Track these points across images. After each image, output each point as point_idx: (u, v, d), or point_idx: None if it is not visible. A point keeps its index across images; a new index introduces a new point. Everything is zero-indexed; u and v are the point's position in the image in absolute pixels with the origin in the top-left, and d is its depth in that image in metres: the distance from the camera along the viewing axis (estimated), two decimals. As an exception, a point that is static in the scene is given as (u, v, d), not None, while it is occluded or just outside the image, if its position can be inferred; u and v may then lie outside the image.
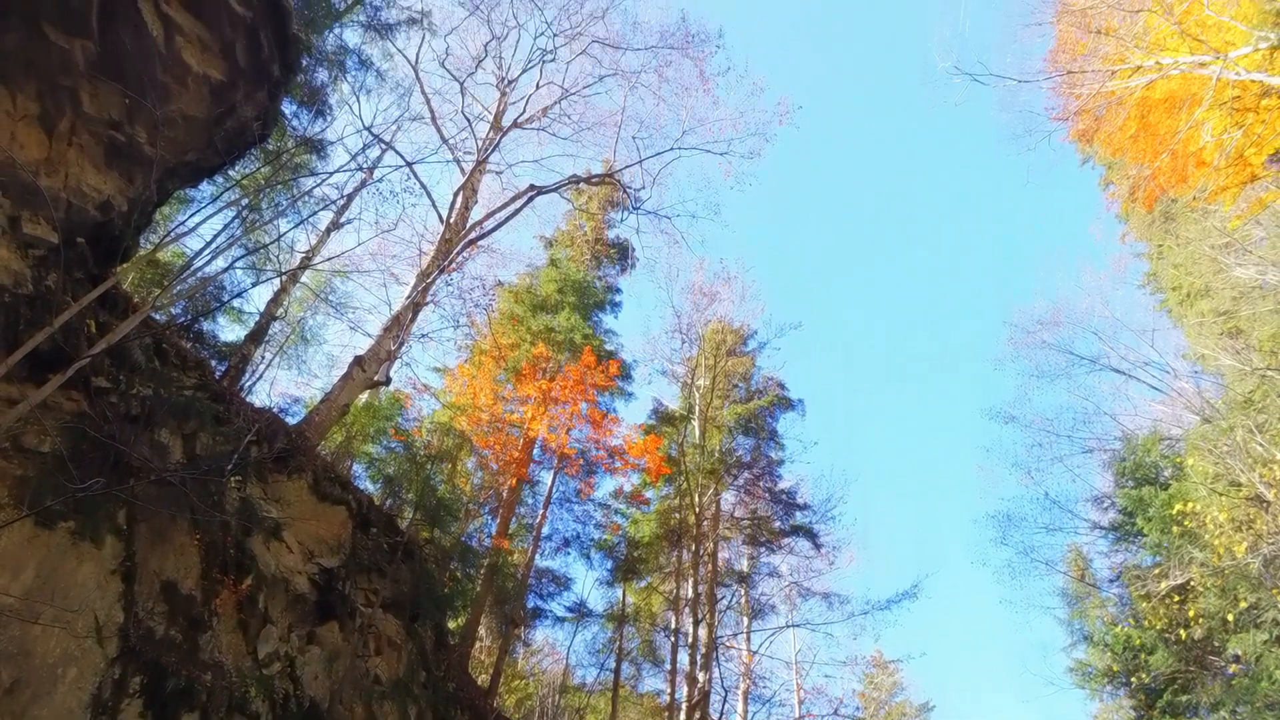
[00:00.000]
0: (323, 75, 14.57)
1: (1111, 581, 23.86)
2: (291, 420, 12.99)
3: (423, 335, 18.64)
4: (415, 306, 16.32)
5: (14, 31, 6.84)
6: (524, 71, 21.24)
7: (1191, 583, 17.71)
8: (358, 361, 14.15)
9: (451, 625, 17.43)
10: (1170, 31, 19.10)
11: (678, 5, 41.77)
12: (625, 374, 27.53)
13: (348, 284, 20.31)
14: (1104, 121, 21.30)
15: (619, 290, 29.36)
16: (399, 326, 15.56)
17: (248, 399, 12.57)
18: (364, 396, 17.57)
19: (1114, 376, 24.73)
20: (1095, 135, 22.05)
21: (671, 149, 20.74)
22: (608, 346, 27.09)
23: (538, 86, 21.50)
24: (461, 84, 19.73)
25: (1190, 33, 18.37)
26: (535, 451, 23.94)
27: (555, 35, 20.76)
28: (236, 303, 17.38)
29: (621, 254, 29.52)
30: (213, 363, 13.67)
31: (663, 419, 28.47)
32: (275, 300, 17.16)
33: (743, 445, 27.84)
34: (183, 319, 12.60)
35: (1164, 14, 18.55)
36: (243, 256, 15.82)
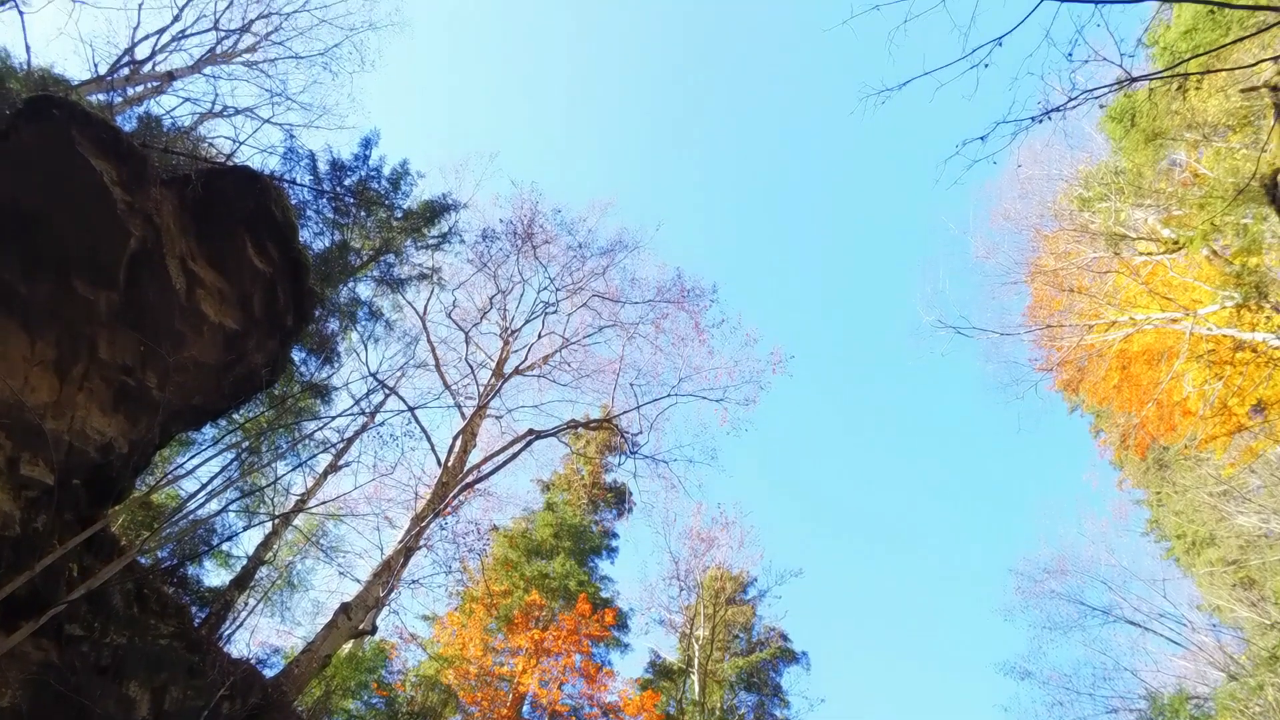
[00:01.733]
0: (334, 325, 15.22)
1: None
2: (269, 672, 12.32)
3: (413, 581, 18.13)
4: (407, 551, 15.99)
5: (45, 283, 7.21)
6: (527, 322, 22.20)
7: None
8: (344, 609, 13.65)
9: None
10: (1139, 290, 20.18)
11: (674, 261, 44.44)
12: (621, 623, 26.48)
13: (340, 527, 19.99)
14: (1087, 372, 21.97)
15: (616, 535, 28.94)
16: (389, 572, 15.16)
17: (226, 648, 11.99)
18: (348, 646, 16.78)
19: (1129, 629, 23.79)
20: (1080, 385, 22.66)
21: (668, 395, 21.26)
22: (603, 594, 26.25)
23: (539, 336, 22.38)
24: (466, 333, 20.55)
25: (1158, 291, 19.41)
26: (525, 708, 22.52)
27: (558, 289, 21.91)
28: (225, 546, 17.06)
29: (619, 498, 29.37)
30: (194, 609, 13.17)
31: (660, 673, 27.03)
32: (265, 544, 16.83)
33: (745, 702, 26.25)
34: (168, 563, 12.30)
35: (1130, 274, 19.71)
36: (237, 499, 15.72)
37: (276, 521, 16.77)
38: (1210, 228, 15.60)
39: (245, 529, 15.92)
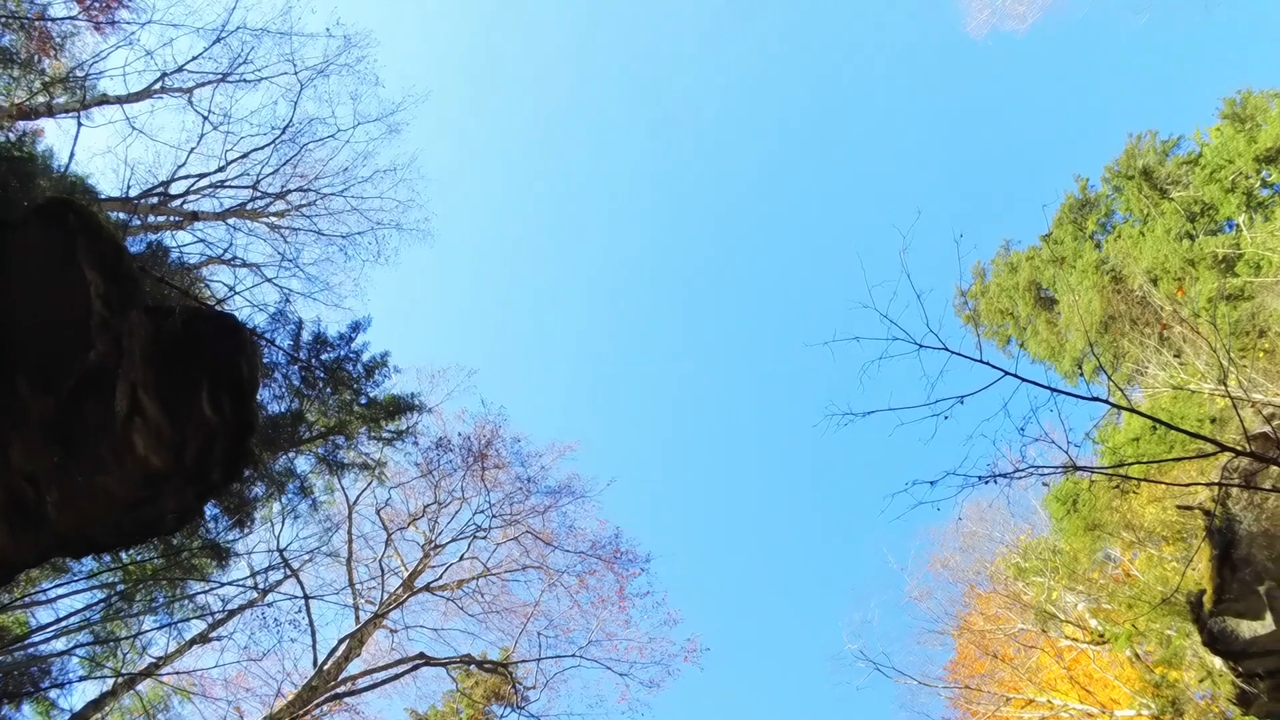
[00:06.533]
0: (259, 490, 14.73)
1: None
2: None
3: (240, 790, 16.27)
4: (247, 753, 14.49)
5: (-14, 374, 7.04)
6: (453, 540, 21.63)
7: None
8: (153, 803, 12.14)
9: None
10: (1061, 674, 20.06)
11: (616, 519, 44.02)
12: None
13: (185, 706, 18.16)
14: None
15: (475, 795, 26.37)
16: (219, 772, 13.64)
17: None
18: None
19: None
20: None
21: (574, 656, 20.47)
22: None
23: (462, 558, 21.71)
24: (390, 535, 19.95)
25: (1079, 681, 19.29)
26: None
27: (494, 516, 21.56)
28: (54, 693, 15.39)
29: (490, 755, 27.12)
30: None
31: None
32: (98, 703, 15.18)
33: None
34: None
35: (1054, 657, 19.66)
36: (88, 645, 14.43)
37: (120, 681, 15.26)
38: (1135, 631, 15.80)
39: (82, 679, 14.43)
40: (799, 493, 63.83)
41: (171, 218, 17.60)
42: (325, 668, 16.49)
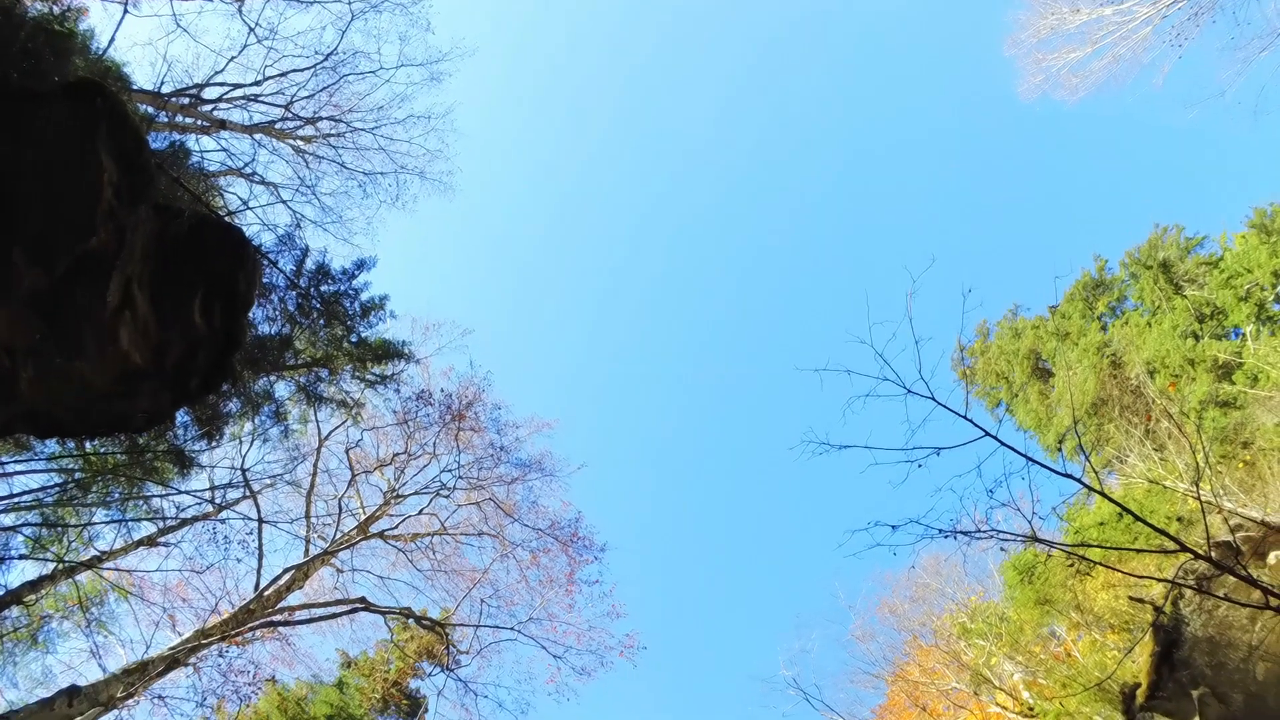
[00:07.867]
0: (234, 406, 14.71)
1: None
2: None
3: (159, 696, 16.25)
4: (172, 662, 14.50)
5: (-14, 238, 7.01)
6: (416, 493, 21.66)
7: None
8: (70, 693, 12.13)
9: None
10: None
11: (579, 504, 44.07)
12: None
13: (122, 605, 18.13)
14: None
15: (392, 748, 26.39)
16: (141, 676, 13.64)
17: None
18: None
19: None
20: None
21: (512, 629, 20.46)
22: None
23: (421, 512, 21.74)
24: (354, 475, 19.95)
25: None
26: None
27: (460, 477, 21.58)
28: (-7, 567, 15.35)
29: (413, 709, 27.14)
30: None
31: None
32: (35, 585, 15.16)
33: None
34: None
35: (981, 720, 19.74)
36: (36, 525, 14.39)
37: (61, 568, 15.24)
38: (1064, 710, 15.90)
39: (23, 558, 14.40)
40: (762, 511, 63.96)
41: (199, 122, 17.52)
42: (266, 593, 16.49)
